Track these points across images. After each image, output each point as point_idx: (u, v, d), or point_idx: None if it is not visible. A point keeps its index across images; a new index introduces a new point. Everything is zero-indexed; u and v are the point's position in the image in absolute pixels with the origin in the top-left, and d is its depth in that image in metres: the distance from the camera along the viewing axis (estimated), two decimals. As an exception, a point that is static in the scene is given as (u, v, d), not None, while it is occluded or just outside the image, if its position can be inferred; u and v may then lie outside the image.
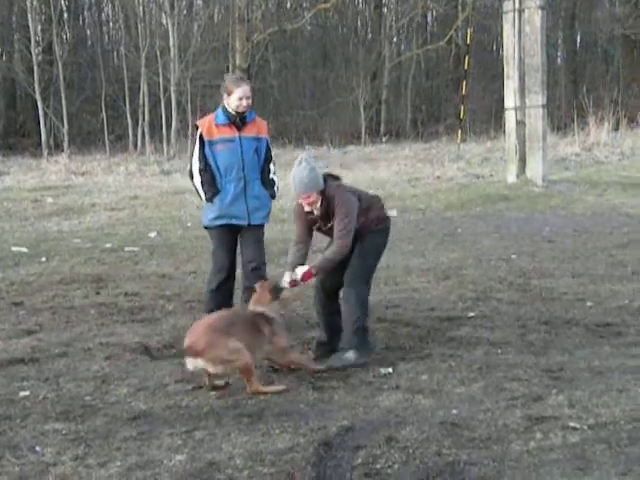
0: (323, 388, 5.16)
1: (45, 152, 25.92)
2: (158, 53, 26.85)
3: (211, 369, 5.03)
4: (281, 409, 4.79)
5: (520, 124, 16.07)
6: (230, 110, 6.29)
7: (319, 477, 3.86)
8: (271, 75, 35.70)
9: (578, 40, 39.60)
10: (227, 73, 27.31)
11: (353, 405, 4.83)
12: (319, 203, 5.57)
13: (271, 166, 6.54)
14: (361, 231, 5.68)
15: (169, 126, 26.55)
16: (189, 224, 12.79)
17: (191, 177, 6.47)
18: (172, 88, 26.35)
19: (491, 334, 6.32)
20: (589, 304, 7.22)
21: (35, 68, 27.43)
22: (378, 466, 3.97)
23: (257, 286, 5.70)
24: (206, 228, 6.57)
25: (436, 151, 24.42)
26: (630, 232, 11.14)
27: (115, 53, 34.85)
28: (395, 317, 6.95)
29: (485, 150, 23.32)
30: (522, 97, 16.01)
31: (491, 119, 30.06)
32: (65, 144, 26.87)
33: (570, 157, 20.50)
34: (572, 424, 4.39)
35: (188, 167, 6.55)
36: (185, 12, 31.69)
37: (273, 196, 6.53)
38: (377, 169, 20.32)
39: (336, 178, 5.80)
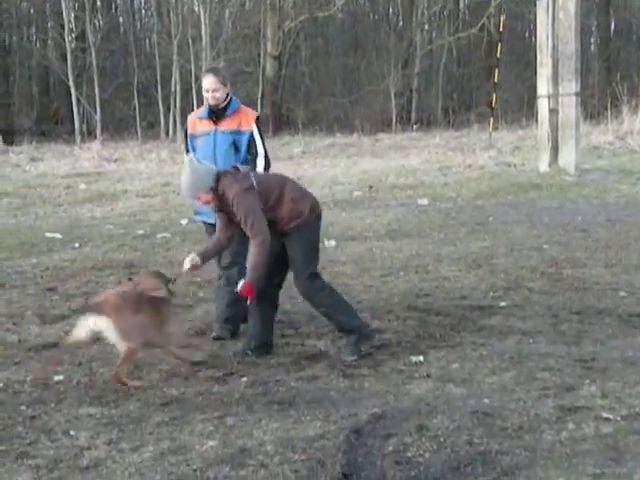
0: (353, 376, 5.17)
1: (78, 139, 26.14)
2: (190, 40, 26.91)
3: (111, 335, 4.86)
4: (312, 396, 4.80)
5: (553, 112, 15.89)
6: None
7: (349, 464, 3.87)
8: (302, 62, 35.71)
9: (612, 26, 39.07)
10: (254, 61, 27.38)
11: (384, 393, 4.83)
12: (216, 199, 5.38)
13: (259, 161, 6.09)
14: (279, 229, 5.45)
15: (200, 113, 26.60)
16: (220, 211, 12.81)
17: None
18: (203, 75, 26.42)
19: (523, 323, 6.29)
20: (622, 294, 7.14)
21: (68, 55, 27.64)
22: (409, 454, 3.97)
23: (142, 278, 5.51)
24: None
25: (467, 139, 24.26)
26: (664, 222, 10.98)
27: (147, 40, 35.03)
28: (426, 306, 6.94)
29: (517, 138, 23.12)
30: (555, 85, 15.83)
31: (523, 107, 29.81)
32: (98, 131, 27.08)
33: (603, 146, 20.24)
34: (605, 415, 4.36)
35: None
36: (217, -1, 31.75)
37: None
38: (408, 157, 20.23)
39: (236, 169, 5.50)
